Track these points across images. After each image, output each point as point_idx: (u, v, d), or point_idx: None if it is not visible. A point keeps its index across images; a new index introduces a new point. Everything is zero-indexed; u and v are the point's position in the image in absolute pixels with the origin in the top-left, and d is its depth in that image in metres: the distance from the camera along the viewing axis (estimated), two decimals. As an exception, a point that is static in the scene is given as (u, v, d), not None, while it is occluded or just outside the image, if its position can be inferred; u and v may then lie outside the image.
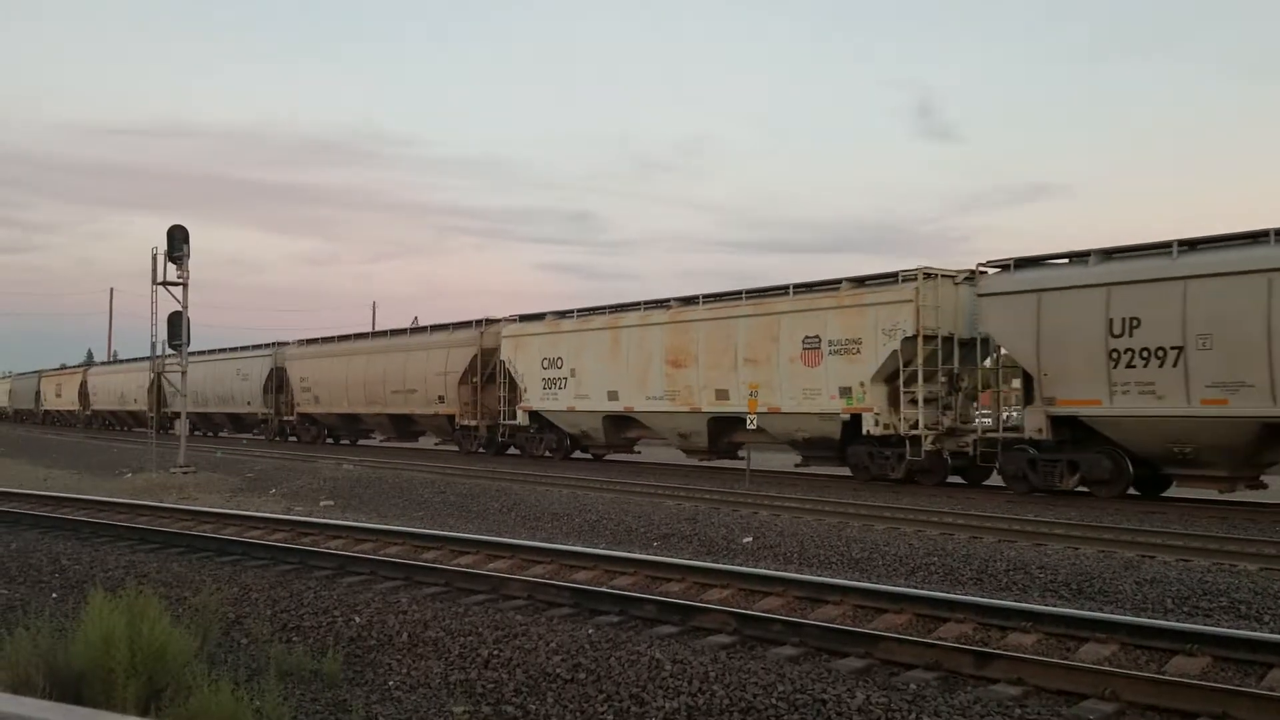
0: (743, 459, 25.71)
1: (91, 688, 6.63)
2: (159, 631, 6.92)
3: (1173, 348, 16.69)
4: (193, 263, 27.83)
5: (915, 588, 10.52)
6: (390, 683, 7.62)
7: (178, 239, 27.52)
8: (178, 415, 46.41)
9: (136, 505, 17.77)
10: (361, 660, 8.16)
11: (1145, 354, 17.01)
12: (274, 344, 44.55)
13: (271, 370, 43.12)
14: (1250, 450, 16.76)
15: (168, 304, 28.11)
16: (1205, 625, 8.76)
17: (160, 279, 27.92)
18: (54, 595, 10.70)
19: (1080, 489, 18.88)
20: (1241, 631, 8.27)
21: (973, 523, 15.31)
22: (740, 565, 11.85)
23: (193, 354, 27.93)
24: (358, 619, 9.04)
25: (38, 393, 74.01)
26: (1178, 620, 9.15)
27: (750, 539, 14.02)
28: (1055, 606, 9.42)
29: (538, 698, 7.03)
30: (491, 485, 20.83)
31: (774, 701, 6.52)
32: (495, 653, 7.87)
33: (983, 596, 9.97)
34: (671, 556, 12.51)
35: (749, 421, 21.78)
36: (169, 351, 29.50)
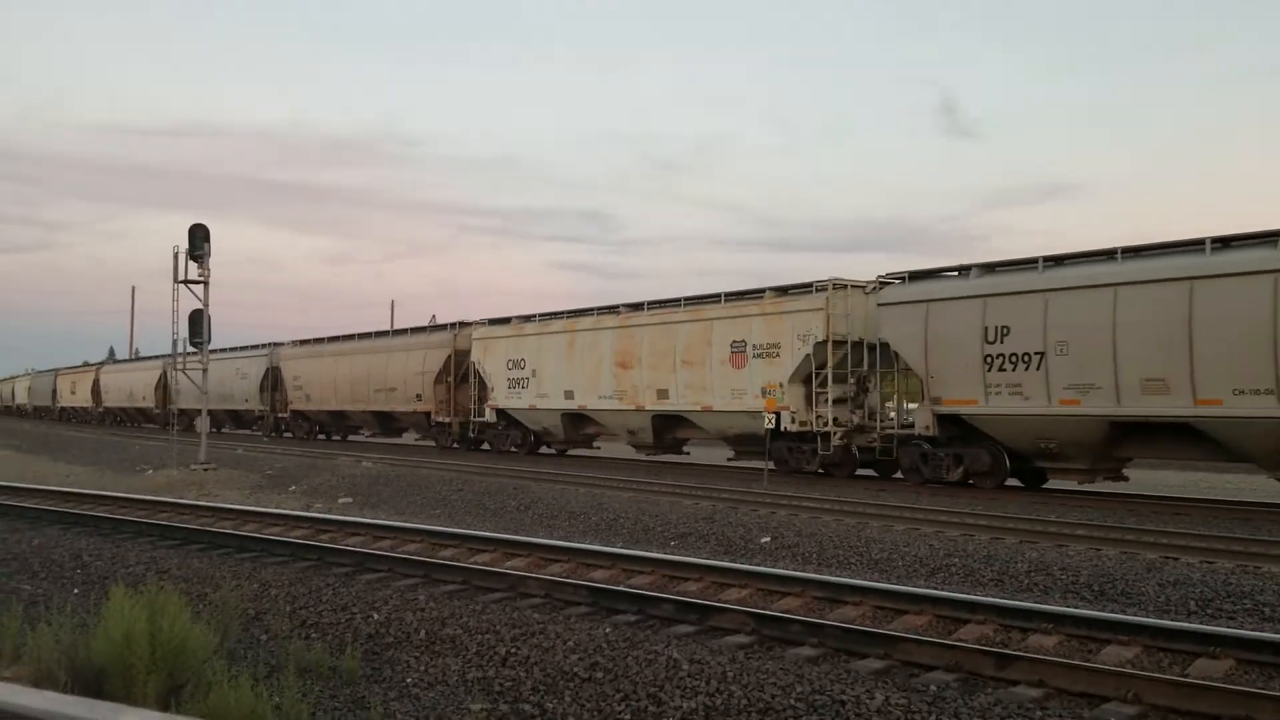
0: (687, 454, 29.14)
1: (112, 683, 6.66)
2: (179, 627, 6.95)
3: (1036, 353, 18.63)
4: (213, 261, 28.03)
5: (935, 589, 10.47)
6: (408, 680, 7.63)
7: (198, 238, 27.69)
8: (183, 412, 47.73)
9: (157, 502, 17.87)
10: (380, 657, 8.17)
11: (1014, 359, 18.95)
12: (270, 344, 46.31)
13: (268, 369, 44.97)
14: (1103, 445, 18.51)
15: (190, 302, 28.29)
16: (1229, 628, 8.68)
17: (181, 277, 28.08)
18: (76, 591, 10.76)
19: (976, 481, 20.51)
20: (1266, 634, 8.17)
21: (994, 524, 15.22)
22: (758, 565, 11.82)
23: (196, 353, 28.53)
24: (376, 616, 9.05)
25: (54, 390, 75.55)
26: (1201, 623, 9.08)
27: (768, 539, 13.98)
28: (1077, 608, 9.36)
29: (555, 696, 7.03)
30: (509, 483, 20.85)
31: (792, 702, 6.49)
32: (513, 651, 7.87)
33: (1004, 598, 9.91)
34: (689, 556, 12.49)
35: (766, 420, 21.93)
36: (176, 351, 29.74)
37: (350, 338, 41.45)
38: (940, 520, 15.64)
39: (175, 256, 27.91)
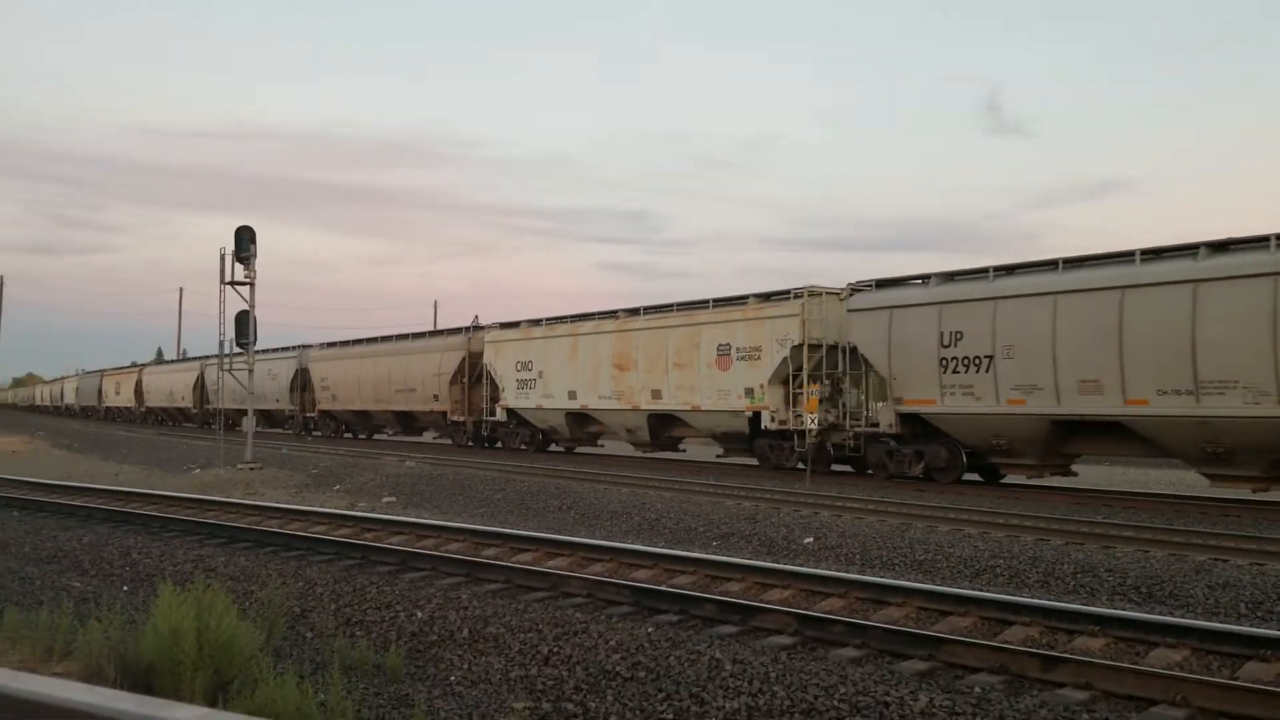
0: (683, 451, 30.41)
1: (160, 679, 6.76)
2: (226, 625, 7.03)
3: (985, 357, 20.07)
4: (260, 262, 28.35)
5: (980, 590, 10.38)
6: (452, 678, 7.67)
7: (245, 239, 28.01)
8: (218, 412, 49.11)
9: (204, 500, 18.09)
10: (423, 655, 8.22)
11: (966, 362, 20.41)
12: (299, 346, 48.12)
13: (297, 371, 46.64)
14: (1047, 442, 19.81)
15: (237, 303, 28.62)
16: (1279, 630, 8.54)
17: (228, 278, 28.41)
18: (125, 588, 10.92)
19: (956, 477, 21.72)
20: (1319, 638, 8.04)
21: (1039, 525, 15.07)
22: (801, 566, 11.78)
23: (229, 357, 29.19)
24: (420, 614, 9.11)
25: (100, 390, 77.66)
26: (1251, 625, 8.93)
27: (811, 539, 13.93)
28: (1124, 610, 9.24)
29: (597, 695, 7.04)
30: (550, 483, 20.91)
31: (835, 703, 6.46)
32: (555, 650, 7.89)
33: (1049, 600, 9.81)
34: (731, 556, 12.47)
35: (808, 420, 21.93)
36: (222, 351, 30.16)
37: (373, 340, 42.94)
38: (985, 522, 15.51)
39: (222, 258, 28.26)
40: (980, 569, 11.90)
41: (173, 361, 70.70)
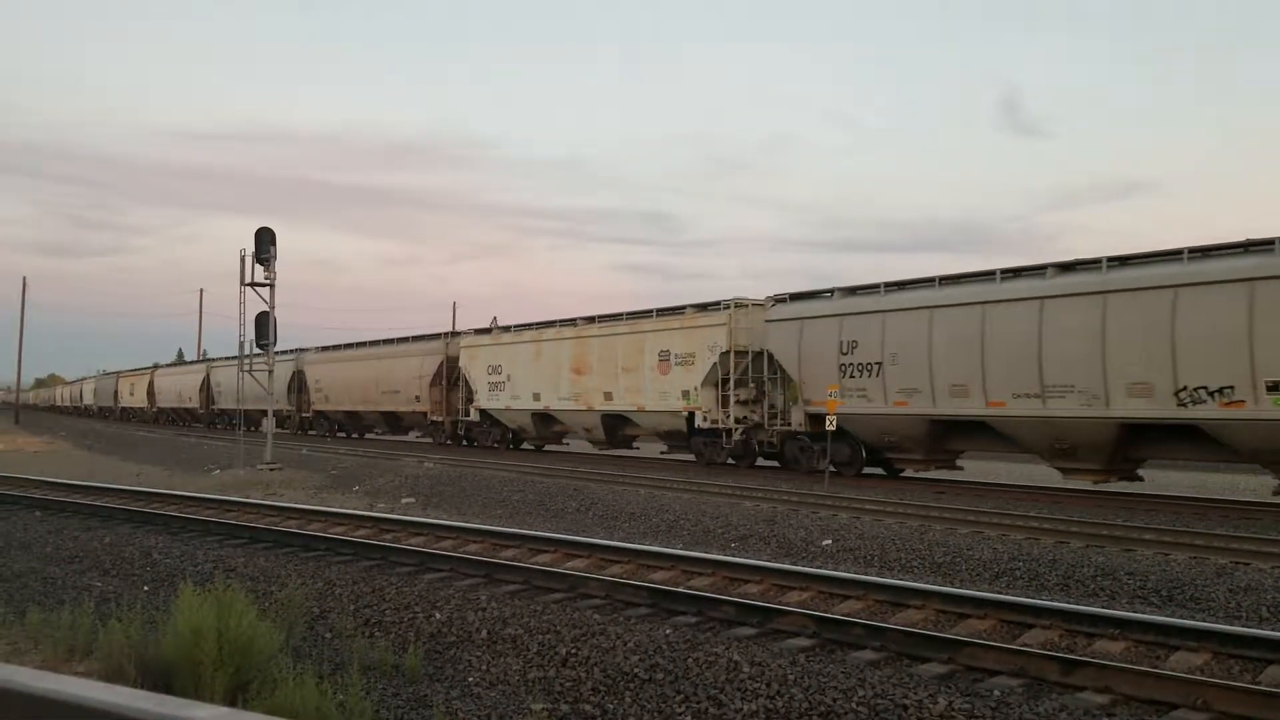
0: (637, 449, 32.25)
1: (181, 678, 6.79)
2: (246, 625, 7.07)
3: (876, 363, 22.47)
4: (279, 264, 28.46)
5: (999, 593, 10.33)
6: (470, 679, 7.69)
7: (265, 241, 28.13)
8: (222, 411, 53.82)
9: (224, 501, 18.17)
10: (442, 656, 8.24)
11: (861, 368, 22.85)
12: (296, 350, 49.99)
13: (294, 373, 48.39)
14: (929, 439, 22.25)
15: (256, 304, 28.76)
16: (1303, 635, 8.47)
17: (248, 280, 28.54)
18: (145, 588, 10.98)
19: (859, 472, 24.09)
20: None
21: (1059, 527, 14.99)
22: (820, 568, 11.76)
23: (232, 359, 29.89)
24: (438, 615, 9.13)
25: (116, 391, 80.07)
26: (1273, 629, 8.86)
27: (830, 541, 13.90)
28: (1144, 613, 9.19)
29: (615, 697, 7.04)
30: (569, 484, 20.93)
31: (854, 706, 6.45)
32: (573, 651, 7.89)
33: (1069, 603, 9.77)
34: (750, 558, 12.45)
35: (829, 422, 21.93)
36: (243, 353, 30.37)
37: (362, 345, 45.53)
38: (1004, 524, 15.44)
39: (242, 260, 28.39)
40: (999, 571, 11.85)
41: (182, 364, 73.04)
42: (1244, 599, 10.11)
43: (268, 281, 28.41)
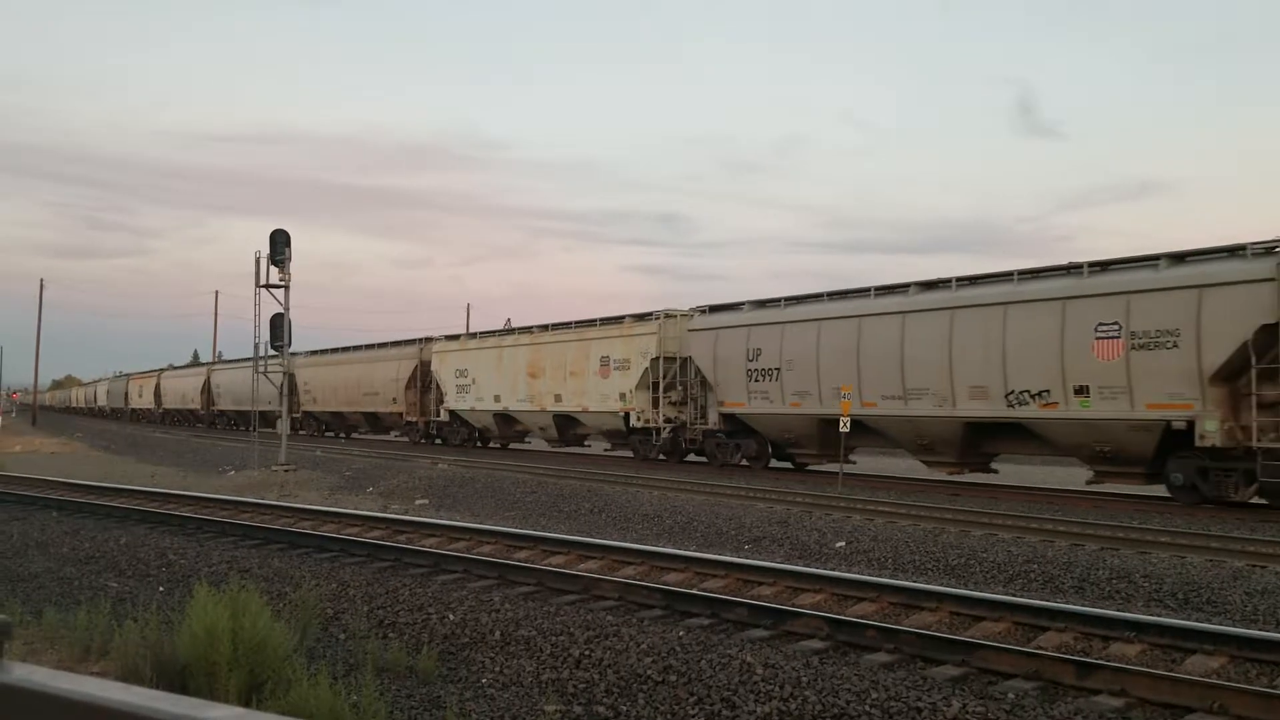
0: (587, 447, 34.86)
1: (196, 679, 6.82)
2: (260, 626, 7.09)
3: (775, 369, 25.23)
4: (294, 265, 28.56)
5: (1014, 595, 10.30)
6: (483, 680, 7.70)
7: (279, 242, 28.22)
8: (222, 413, 56.95)
9: (239, 502, 18.23)
10: (455, 657, 8.25)
11: (764, 373, 25.55)
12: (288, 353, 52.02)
13: (285, 375, 50.47)
14: (820, 436, 25.07)
15: (271, 305, 28.87)
16: (1321, 639, 8.42)
17: (262, 281, 28.64)
18: (161, 589, 11.03)
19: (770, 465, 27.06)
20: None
21: (1074, 529, 14.94)
22: (833, 570, 11.74)
23: (226, 362, 31.08)
24: (452, 616, 9.15)
25: (126, 393, 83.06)
26: (1291, 633, 8.80)
27: (843, 544, 13.87)
28: (1160, 617, 9.14)
29: (629, 699, 7.04)
30: (582, 486, 20.94)
31: (867, 708, 6.44)
32: (586, 653, 7.90)
33: (1084, 605, 9.72)
34: (763, 560, 12.43)
35: (841, 424, 21.96)
36: (258, 354, 30.55)
37: (346, 349, 47.86)
38: (1019, 526, 15.39)
39: (257, 262, 28.49)
40: (1014, 574, 11.81)
41: (187, 366, 75.44)
42: (1261, 602, 10.05)
43: (282, 283, 28.51)
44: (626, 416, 29.76)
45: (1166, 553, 12.91)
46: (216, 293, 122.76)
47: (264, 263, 28.40)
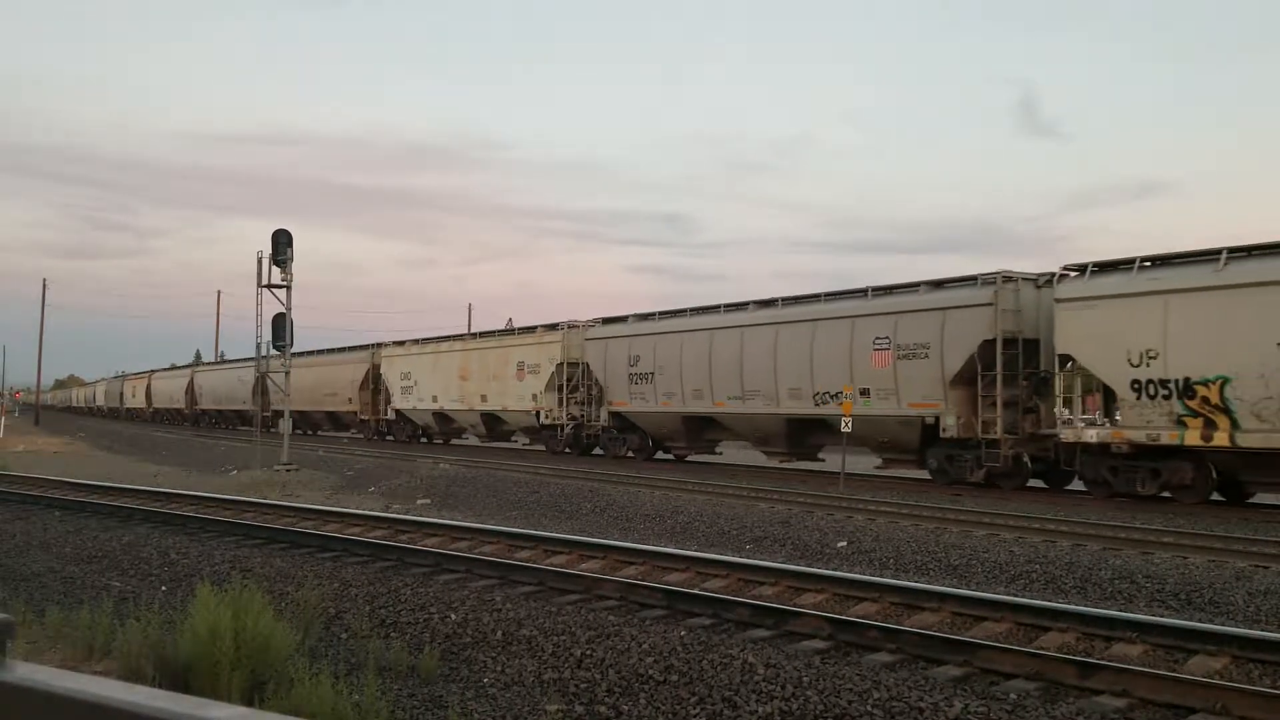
0: (514, 443, 39.84)
1: (198, 678, 6.83)
2: (263, 625, 7.10)
3: (650, 373, 29.08)
4: (296, 266, 28.58)
5: (1016, 595, 10.29)
6: (485, 680, 7.70)
7: (281, 243, 28.24)
8: (205, 412, 61.53)
9: (241, 502, 18.24)
10: (457, 657, 8.26)
11: (642, 377, 29.44)
12: (263, 356, 54.16)
13: (258, 377, 53.20)
14: (686, 431, 29.24)
15: (273, 305, 28.89)
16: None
17: (265, 281, 28.65)
18: (163, 588, 11.04)
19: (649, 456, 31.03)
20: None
21: (1076, 530, 14.93)
22: (835, 570, 11.73)
23: (209, 364, 32.62)
24: (454, 616, 9.15)
25: (121, 393, 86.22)
26: (1293, 634, 8.80)
27: (845, 543, 13.87)
28: (1162, 617, 9.14)
29: (630, 698, 7.04)
30: (584, 486, 20.94)
31: (869, 708, 6.44)
32: (588, 652, 7.90)
33: (1086, 605, 9.72)
34: (765, 560, 12.43)
35: (843, 424, 22.02)
36: (260, 354, 30.65)
37: (311, 353, 50.29)
38: (1020, 526, 15.39)
39: (259, 261, 28.50)
40: (1016, 574, 11.80)
41: (175, 368, 77.97)
42: (1263, 602, 10.05)
43: (284, 283, 28.52)
44: (538, 414, 33.70)
45: (1169, 553, 12.90)
46: (219, 293, 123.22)
47: (266, 263, 28.42)
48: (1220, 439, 17.44)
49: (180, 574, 11.68)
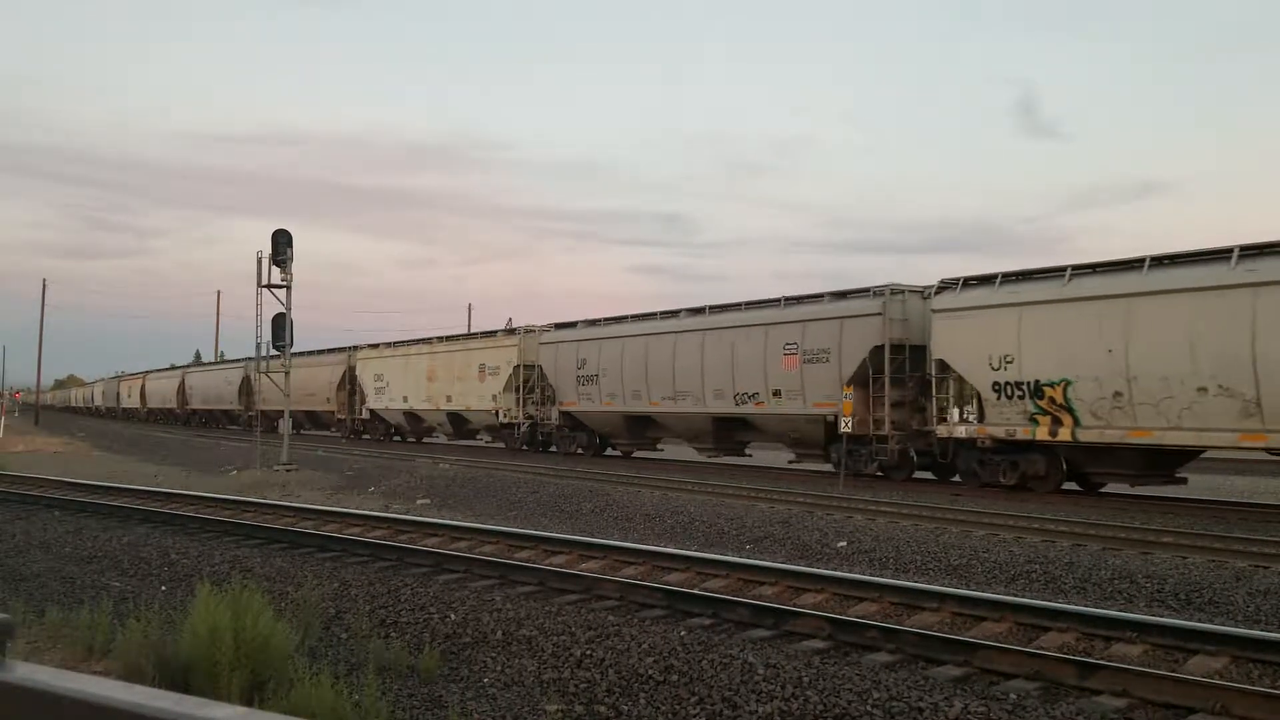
0: (481, 441, 40.77)
1: (198, 678, 6.83)
2: (262, 625, 7.10)
3: (595, 376, 30.94)
4: (297, 266, 28.60)
5: (1015, 595, 10.29)
6: (485, 680, 7.70)
7: (281, 243, 28.23)
8: (195, 412, 64.36)
9: (241, 502, 18.24)
10: (457, 657, 8.26)
11: (588, 379, 31.33)
12: (246, 359, 57.17)
13: (244, 378, 56.67)
14: (628, 429, 31.03)
15: (273, 305, 28.89)
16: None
17: (264, 281, 28.65)
18: (163, 588, 11.04)
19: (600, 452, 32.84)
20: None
21: (1076, 529, 14.92)
22: (835, 570, 11.73)
23: (199, 366, 33.16)
24: (453, 616, 9.15)
25: (118, 394, 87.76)
26: (1293, 634, 8.80)
27: (844, 543, 13.87)
28: (1162, 617, 9.14)
29: (630, 698, 7.04)
30: (584, 486, 20.94)
31: (869, 709, 6.44)
32: (588, 652, 7.90)
33: (1086, 605, 9.72)
34: (764, 560, 12.42)
35: (842, 424, 22.14)
36: (259, 354, 30.67)
37: (292, 355, 49.70)
38: (1020, 526, 15.38)
39: (259, 261, 28.50)
40: (1015, 574, 11.80)
41: (168, 369, 79.26)
42: (1263, 602, 10.05)
43: (284, 283, 28.52)
44: (498, 414, 35.87)
45: (1168, 553, 12.90)
46: (219, 293, 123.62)
47: (266, 263, 28.41)
48: (1064, 434, 19.45)
49: (180, 574, 11.68)
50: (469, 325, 71.09)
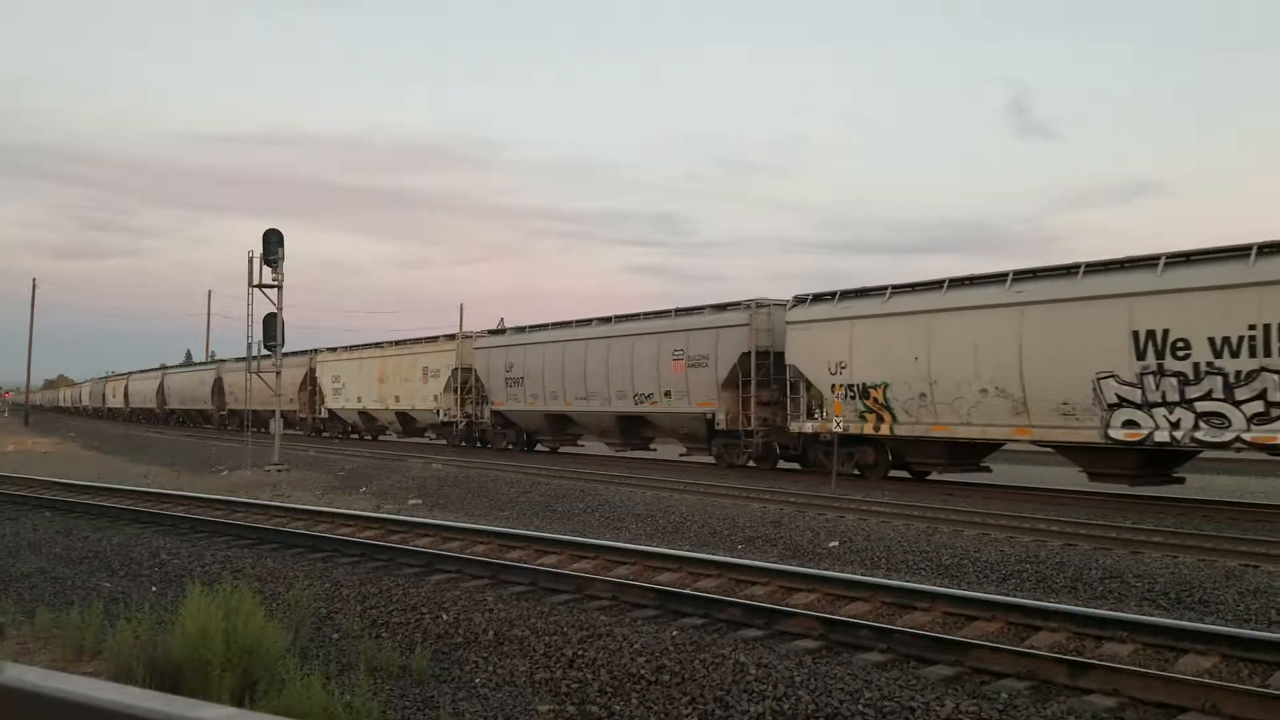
0: (427, 439, 43.26)
1: (189, 679, 6.80)
2: (253, 626, 7.08)
3: (521, 378, 33.72)
4: (289, 265, 28.47)
5: (1007, 595, 10.31)
6: (476, 680, 7.69)
7: (273, 243, 28.14)
8: (173, 411, 67.49)
9: (232, 502, 18.21)
10: (448, 657, 8.25)
11: (515, 381, 34.08)
12: (217, 360, 63.07)
13: (216, 379, 60.63)
14: (551, 427, 33.96)
15: (264, 305, 28.82)
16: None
17: (256, 281, 28.57)
18: (154, 588, 11.01)
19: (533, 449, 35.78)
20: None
21: (1066, 529, 14.96)
22: (826, 569, 11.74)
23: (176, 367, 34.78)
24: (445, 616, 9.14)
25: (104, 394, 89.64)
26: (1283, 633, 8.82)
27: (836, 543, 13.88)
28: (1153, 616, 9.16)
29: (622, 698, 7.04)
30: (575, 486, 20.93)
31: (860, 708, 6.44)
32: (580, 652, 7.90)
33: (1077, 605, 9.74)
34: (756, 559, 12.43)
35: (835, 424, 22.29)
36: (251, 354, 30.64)
37: (259, 357, 52.26)
38: (1011, 526, 15.41)
39: (250, 262, 28.42)
40: (1007, 574, 11.82)
41: (148, 370, 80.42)
42: (1253, 602, 10.08)
43: (275, 283, 28.44)
44: (439, 413, 38.55)
45: (1159, 552, 12.94)
46: (209, 292, 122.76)
47: (257, 263, 28.33)
48: (885, 430, 22.80)
49: (171, 574, 11.65)
50: (460, 325, 71.30)
